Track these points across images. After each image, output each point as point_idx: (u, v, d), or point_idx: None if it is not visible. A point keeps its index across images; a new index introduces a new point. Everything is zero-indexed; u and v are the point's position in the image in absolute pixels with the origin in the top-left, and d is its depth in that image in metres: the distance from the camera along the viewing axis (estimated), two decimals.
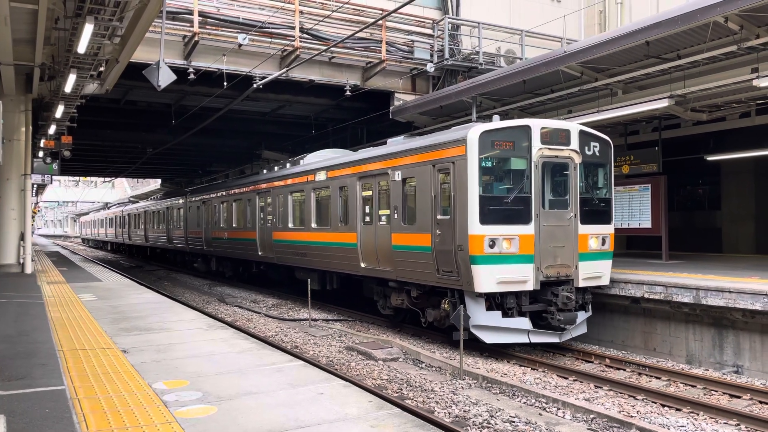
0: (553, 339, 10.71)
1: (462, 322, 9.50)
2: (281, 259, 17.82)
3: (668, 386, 9.15)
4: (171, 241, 30.36)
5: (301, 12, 17.21)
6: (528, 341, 10.50)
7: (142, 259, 39.88)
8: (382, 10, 17.88)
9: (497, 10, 21.12)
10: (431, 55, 19.27)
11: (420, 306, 12.09)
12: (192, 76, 16.33)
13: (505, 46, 20.13)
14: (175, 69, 14.40)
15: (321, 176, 15.37)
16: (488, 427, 7.21)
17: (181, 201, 28.83)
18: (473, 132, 10.25)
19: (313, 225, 15.74)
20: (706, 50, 11.51)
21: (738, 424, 7.38)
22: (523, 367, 10.12)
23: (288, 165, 18.43)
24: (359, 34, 16.58)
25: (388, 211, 12.49)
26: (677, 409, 7.97)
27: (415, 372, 9.89)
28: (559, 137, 10.79)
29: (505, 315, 10.31)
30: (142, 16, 10.97)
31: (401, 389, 8.86)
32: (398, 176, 12.10)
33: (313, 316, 14.92)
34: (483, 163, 10.25)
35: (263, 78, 16.45)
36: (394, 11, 13.41)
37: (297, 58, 16.77)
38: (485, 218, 10.07)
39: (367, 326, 14.04)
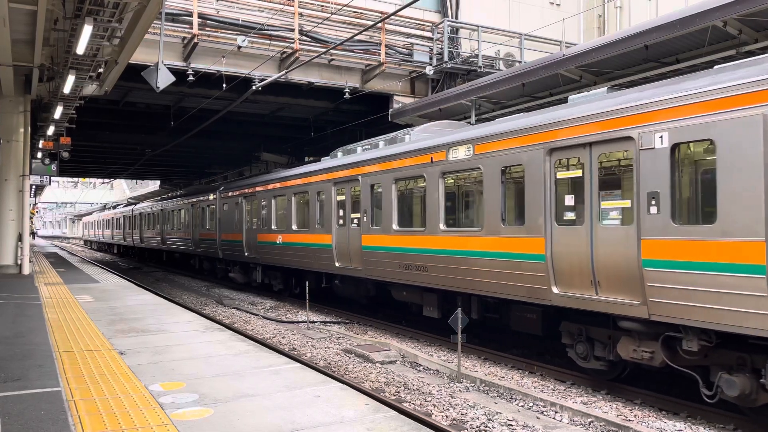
0: None
1: (459, 325, 9.44)
2: (373, 273, 13.16)
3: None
4: (197, 245, 25.75)
5: (301, 14, 17.25)
6: None
7: (158, 265, 35.37)
8: (382, 12, 17.96)
9: (496, 13, 21.19)
10: (430, 58, 19.33)
11: (694, 364, 7.48)
12: (191, 77, 16.36)
13: (505, 50, 20.20)
14: (174, 71, 14.44)
15: (459, 154, 10.81)
16: (485, 431, 7.19)
17: (212, 197, 24.12)
18: None
19: (442, 226, 11.18)
20: (705, 54, 11.53)
21: (735, 429, 7.37)
22: (521, 371, 10.09)
23: (382, 144, 14.02)
24: (358, 37, 16.63)
25: (626, 203, 7.97)
26: (675, 413, 7.96)
27: (412, 375, 9.87)
28: None
29: None
30: (141, 17, 11.00)
31: (399, 392, 8.84)
32: (660, 141, 7.43)
33: (311, 319, 14.89)
34: None
35: (262, 80, 16.46)
36: (394, 14, 13.42)
37: (296, 60, 16.80)
38: None
39: (365, 329, 14.02)
